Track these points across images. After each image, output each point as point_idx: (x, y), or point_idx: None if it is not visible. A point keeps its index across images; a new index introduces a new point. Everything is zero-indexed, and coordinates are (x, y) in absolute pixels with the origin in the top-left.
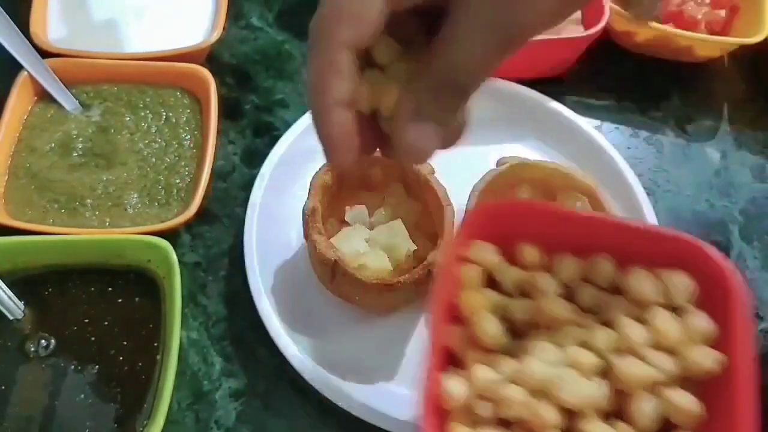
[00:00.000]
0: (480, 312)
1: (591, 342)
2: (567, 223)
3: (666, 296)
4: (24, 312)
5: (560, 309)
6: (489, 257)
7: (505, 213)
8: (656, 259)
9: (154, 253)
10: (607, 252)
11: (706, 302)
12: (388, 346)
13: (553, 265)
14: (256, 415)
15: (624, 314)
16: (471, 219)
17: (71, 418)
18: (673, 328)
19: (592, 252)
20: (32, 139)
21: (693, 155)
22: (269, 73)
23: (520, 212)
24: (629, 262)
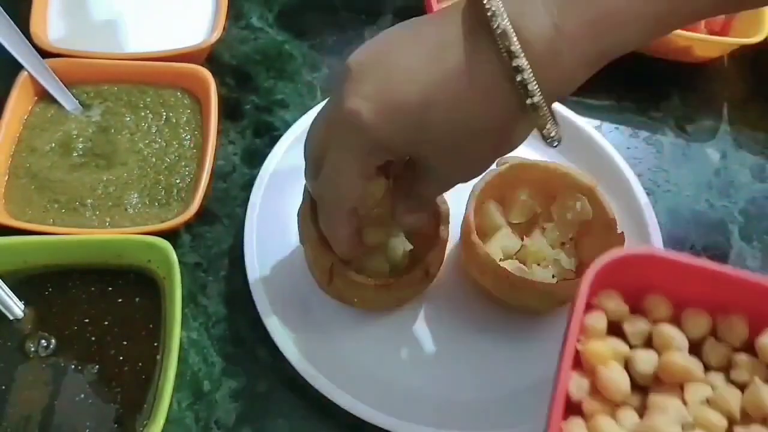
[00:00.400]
0: (608, 362)
1: (719, 402)
2: (699, 276)
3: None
4: (24, 312)
5: (688, 364)
6: (617, 305)
7: (635, 262)
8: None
9: (154, 253)
10: (741, 309)
11: None
12: (388, 346)
13: (681, 318)
14: (256, 415)
15: (755, 375)
16: (601, 266)
17: (71, 418)
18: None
19: (725, 308)
20: (32, 139)
21: (693, 155)
22: (269, 73)
23: (650, 262)
24: (764, 322)
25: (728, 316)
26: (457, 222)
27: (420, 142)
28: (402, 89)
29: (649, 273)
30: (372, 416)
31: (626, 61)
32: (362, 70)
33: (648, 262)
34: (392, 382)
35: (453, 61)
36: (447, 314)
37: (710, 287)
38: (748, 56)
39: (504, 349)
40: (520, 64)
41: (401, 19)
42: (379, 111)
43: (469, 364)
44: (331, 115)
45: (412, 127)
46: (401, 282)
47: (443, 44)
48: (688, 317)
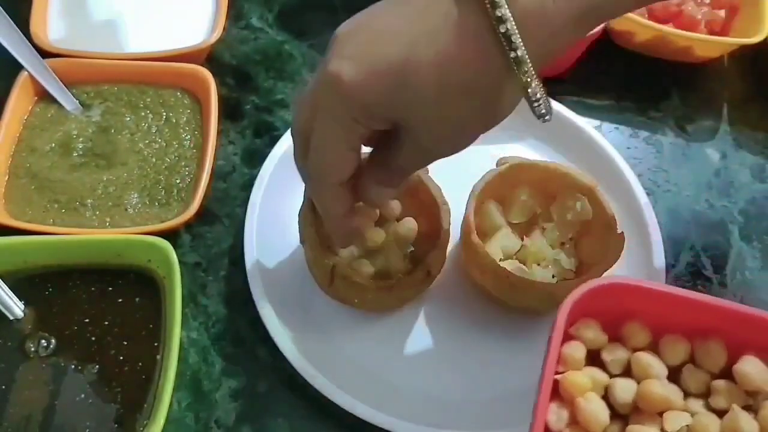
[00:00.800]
0: (586, 395)
1: (698, 429)
2: (677, 304)
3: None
4: (24, 312)
5: (666, 392)
6: (595, 334)
7: (613, 291)
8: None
9: (155, 253)
10: (718, 336)
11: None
12: (388, 346)
13: (660, 345)
14: (256, 415)
15: (733, 402)
16: (579, 295)
17: (71, 418)
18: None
19: (703, 335)
20: (32, 139)
21: (693, 155)
22: (269, 73)
23: (628, 291)
24: (742, 348)
25: (706, 342)
26: (457, 222)
27: (403, 103)
28: (384, 48)
29: (627, 301)
30: (372, 416)
31: (626, 61)
32: (347, 35)
33: (624, 290)
34: (392, 382)
35: (436, 18)
36: (447, 314)
37: (688, 314)
38: (748, 56)
39: (504, 350)
40: (503, 14)
41: None
42: (361, 70)
43: (469, 364)
44: (315, 85)
45: (395, 85)
46: (402, 283)
47: (427, 3)
48: (666, 344)
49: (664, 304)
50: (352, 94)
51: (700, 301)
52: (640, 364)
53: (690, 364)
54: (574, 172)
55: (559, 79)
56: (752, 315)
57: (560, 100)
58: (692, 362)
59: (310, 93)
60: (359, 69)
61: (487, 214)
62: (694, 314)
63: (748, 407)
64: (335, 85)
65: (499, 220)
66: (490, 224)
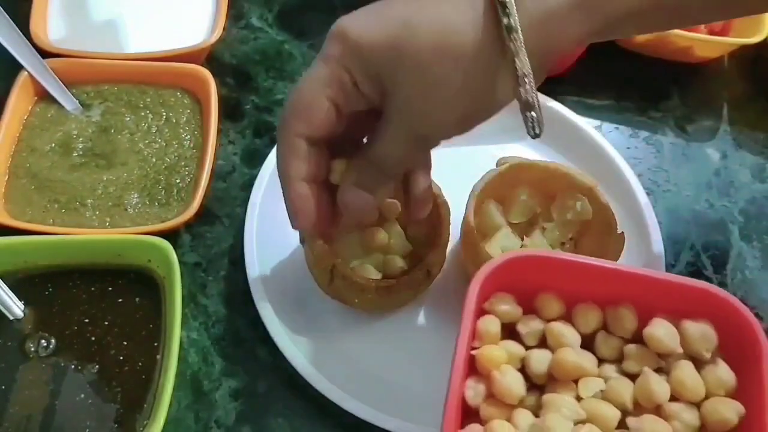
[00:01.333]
0: (501, 367)
1: (611, 394)
2: (588, 273)
3: (687, 346)
4: (24, 312)
5: (580, 360)
6: (508, 308)
7: (524, 263)
8: (678, 310)
9: (155, 253)
10: (629, 302)
11: (727, 351)
12: (388, 346)
13: (573, 315)
14: (256, 415)
15: (645, 365)
16: (490, 269)
17: (71, 417)
18: (694, 380)
19: (614, 302)
20: (32, 139)
21: (693, 155)
22: (269, 73)
23: (539, 263)
24: (651, 312)
25: (617, 308)
26: (457, 222)
27: (399, 61)
28: (392, 9)
29: (540, 273)
30: (372, 416)
31: (626, 61)
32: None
33: (535, 263)
34: (392, 382)
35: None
36: (447, 314)
37: (598, 283)
38: (748, 56)
39: None
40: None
41: None
42: (368, 22)
43: None
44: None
45: (395, 41)
46: (402, 283)
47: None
48: (579, 313)
49: (575, 274)
50: (352, 38)
51: (609, 269)
52: (554, 334)
53: (603, 331)
54: (574, 172)
55: (559, 79)
56: (660, 280)
57: (560, 100)
58: (605, 329)
59: None
60: (365, 22)
61: (487, 214)
62: (604, 282)
63: (660, 369)
64: (339, 33)
65: (499, 220)
66: (490, 224)
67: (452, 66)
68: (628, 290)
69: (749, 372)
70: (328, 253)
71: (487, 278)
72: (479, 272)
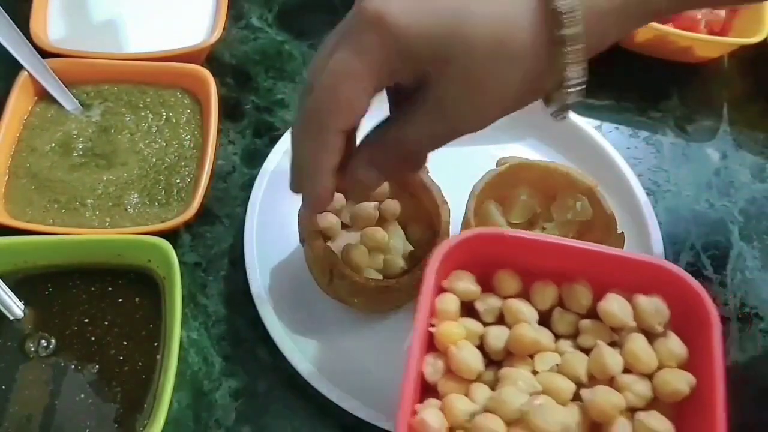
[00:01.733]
0: (458, 343)
1: (566, 368)
2: (544, 251)
3: (640, 320)
4: (24, 312)
5: (536, 335)
6: (466, 286)
7: (482, 241)
8: (632, 285)
9: (155, 253)
10: (584, 279)
11: (679, 324)
12: (388, 345)
13: (530, 292)
14: (256, 415)
15: (599, 339)
16: (448, 248)
17: (71, 418)
18: (646, 353)
19: (570, 279)
20: (32, 139)
21: (693, 155)
22: (269, 73)
23: (497, 240)
24: (606, 288)
25: (572, 285)
26: (457, 222)
27: (448, 51)
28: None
29: (497, 251)
30: (372, 416)
31: (626, 61)
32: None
33: (492, 240)
34: (392, 383)
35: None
36: None
37: (554, 259)
38: (748, 56)
39: None
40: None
41: None
42: (408, 9)
43: None
44: (344, 28)
45: (444, 30)
46: (401, 283)
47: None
48: (535, 290)
49: (532, 251)
50: (395, 31)
51: (564, 246)
52: (511, 311)
53: (559, 308)
54: (574, 172)
55: None
56: (614, 256)
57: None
58: (561, 305)
59: (336, 33)
60: (408, 9)
61: (487, 214)
62: (560, 259)
63: (614, 343)
64: (376, 20)
65: (499, 220)
66: (490, 224)
67: (506, 68)
68: (584, 266)
69: (700, 344)
70: (328, 252)
71: (446, 256)
72: (437, 250)
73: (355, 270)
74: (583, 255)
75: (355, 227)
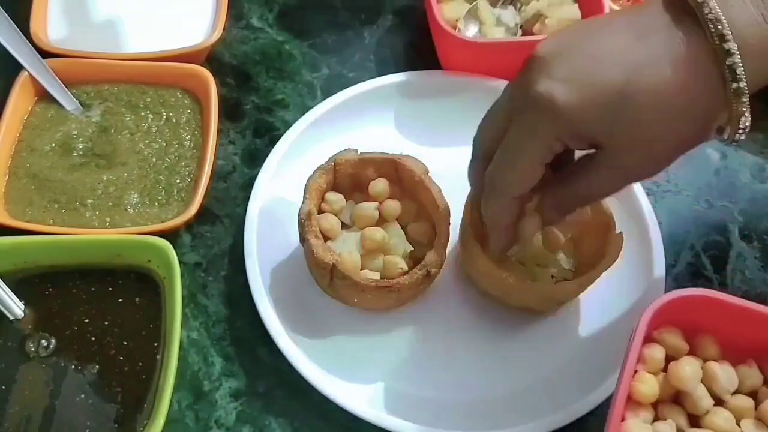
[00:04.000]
0: None
1: None
2: (753, 319)
3: None
4: (24, 312)
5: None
6: (676, 342)
7: (693, 302)
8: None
9: (155, 253)
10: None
11: None
12: (388, 346)
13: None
14: (256, 415)
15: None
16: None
17: (71, 418)
18: None
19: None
20: (33, 139)
21: (693, 155)
22: (269, 73)
23: (708, 304)
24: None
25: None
26: (457, 222)
27: (617, 125)
28: (603, 70)
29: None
30: (372, 416)
31: None
32: (554, 56)
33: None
34: (392, 382)
35: (659, 46)
36: (447, 314)
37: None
38: None
39: (505, 350)
40: (731, 48)
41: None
42: (577, 91)
43: (469, 364)
44: (514, 103)
45: (612, 108)
46: (401, 283)
47: (645, 31)
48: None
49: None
50: (565, 114)
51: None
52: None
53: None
54: None
55: None
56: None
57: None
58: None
59: (502, 111)
60: (575, 91)
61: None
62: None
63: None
64: (546, 104)
65: None
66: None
67: (676, 128)
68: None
69: None
70: (328, 251)
71: (660, 309)
72: (655, 303)
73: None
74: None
75: (356, 227)
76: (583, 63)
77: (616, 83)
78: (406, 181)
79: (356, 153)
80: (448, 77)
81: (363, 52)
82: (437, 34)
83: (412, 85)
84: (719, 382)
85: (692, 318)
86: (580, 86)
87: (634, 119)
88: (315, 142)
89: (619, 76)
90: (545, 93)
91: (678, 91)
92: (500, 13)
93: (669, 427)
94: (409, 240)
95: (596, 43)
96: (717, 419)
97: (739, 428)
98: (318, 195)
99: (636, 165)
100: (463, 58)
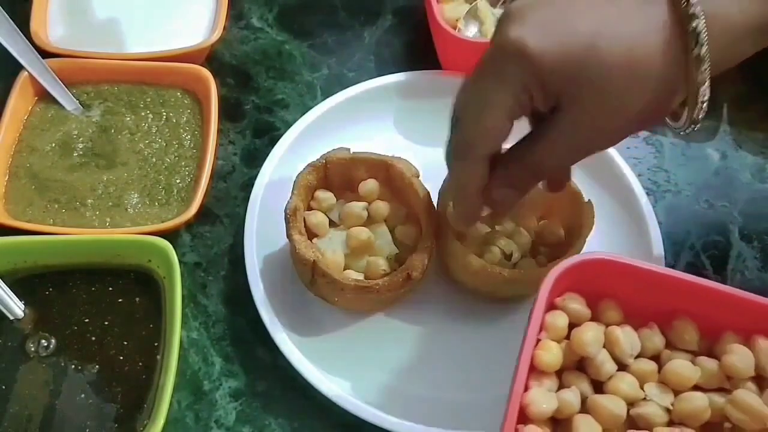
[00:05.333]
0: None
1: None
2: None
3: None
4: (24, 312)
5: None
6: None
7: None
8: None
9: (155, 253)
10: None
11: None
12: (388, 346)
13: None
14: (256, 415)
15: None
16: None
17: (71, 417)
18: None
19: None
20: (33, 139)
21: (693, 155)
22: (269, 73)
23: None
24: (716, 327)
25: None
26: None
27: (585, 76)
28: (575, 20)
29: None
30: (372, 416)
31: None
32: (526, 7)
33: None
34: (393, 382)
35: (629, 5)
36: (447, 314)
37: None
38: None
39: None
40: (695, 11)
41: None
42: (548, 36)
43: (469, 363)
44: (487, 56)
45: (582, 57)
46: (382, 284)
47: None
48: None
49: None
50: (534, 57)
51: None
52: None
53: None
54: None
55: None
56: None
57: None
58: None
59: (477, 68)
60: (545, 36)
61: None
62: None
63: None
64: (516, 49)
65: None
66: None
67: (638, 89)
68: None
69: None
70: (311, 249)
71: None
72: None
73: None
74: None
75: (343, 226)
76: (555, 13)
77: (585, 33)
78: (396, 183)
79: (348, 152)
80: (448, 77)
81: (363, 52)
82: (437, 34)
83: (412, 85)
84: (621, 347)
85: (595, 284)
86: (551, 32)
87: (598, 73)
88: (315, 142)
89: (589, 27)
90: (516, 38)
91: (643, 52)
92: (500, 13)
93: (573, 395)
94: (396, 243)
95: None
96: (620, 384)
97: (642, 392)
98: (307, 192)
99: (592, 128)
100: (463, 58)
